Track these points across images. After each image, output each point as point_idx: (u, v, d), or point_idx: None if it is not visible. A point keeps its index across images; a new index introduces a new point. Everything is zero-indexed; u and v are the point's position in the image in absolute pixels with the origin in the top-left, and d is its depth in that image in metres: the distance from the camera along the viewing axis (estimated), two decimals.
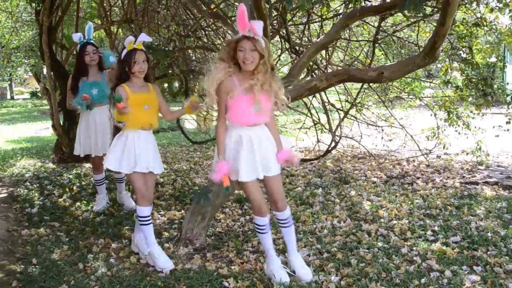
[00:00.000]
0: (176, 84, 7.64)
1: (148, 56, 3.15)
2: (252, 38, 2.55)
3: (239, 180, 2.73)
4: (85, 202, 4.48)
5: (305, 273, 2.86)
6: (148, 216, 3.13)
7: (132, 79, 3.11)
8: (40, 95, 19.59)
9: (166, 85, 8.79)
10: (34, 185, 5.10)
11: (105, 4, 6.43)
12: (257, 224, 2.84)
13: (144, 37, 3.08)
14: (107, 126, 3.94)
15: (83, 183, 5.14)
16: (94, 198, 4.41)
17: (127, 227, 3.80)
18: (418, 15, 3.63)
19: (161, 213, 4.16)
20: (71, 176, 5.42)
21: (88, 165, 5.74)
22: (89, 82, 4.02)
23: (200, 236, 3.41)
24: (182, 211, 4.19)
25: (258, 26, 2.54)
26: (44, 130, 11.46)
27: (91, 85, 4.01)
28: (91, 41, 4.10)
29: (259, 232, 2.87)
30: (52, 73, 5.65)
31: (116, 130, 3.18)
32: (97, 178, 4.28)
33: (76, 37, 4.07)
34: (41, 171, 5.78)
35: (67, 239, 3.57)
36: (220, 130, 2.75)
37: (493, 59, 6.04)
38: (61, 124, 5.97)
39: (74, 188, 4.91)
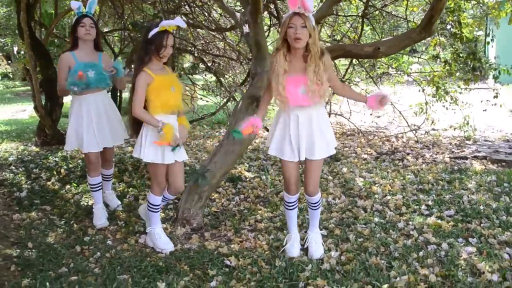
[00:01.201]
0: None
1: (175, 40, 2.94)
2: (302, 14, 2.51)
3: (281, 159, 2.81)
4: (75, 184, 4.38)
5: (315, 250, 2.90)
6: (159, 205, 3.09)
7: (153, 61, 2.89)
8: (11, 76, 18.83)
9: None
10: (20, 169, 4.96)
11: None
12: (284, 200, 2.93)
13: (179, 22, 2.88)
14: (106, 115, 3.45)
15: (71, 165, 5.02)
16: (84, 180, 4.28)
17: (121, 209, 3.75)
18: None
19: None
20: (57, 159, 5.29)
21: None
22: (84, 62, 3.34)
23: (197, 216, 3.39)
24: None
25: (309, 1, 2.48)
26: (20, 112, 11.10)
27: (86, 66, 3.33)
28: (91, 15, 3.44)
29: (285, 207, 2.97)
30: (32, 52, 5.43)
31: (135, 121, 2.95)
32: (92, 183, 3.48)
33: (75, 4, 3.35)
34: (25, 155, 5.62)
35: (61, 222, 3.49)
36: (264, 96, 2.86)
37: (479, 33, 6.07)
38: (43, 105, 5.78)
39: (62, 171, 4.79)
